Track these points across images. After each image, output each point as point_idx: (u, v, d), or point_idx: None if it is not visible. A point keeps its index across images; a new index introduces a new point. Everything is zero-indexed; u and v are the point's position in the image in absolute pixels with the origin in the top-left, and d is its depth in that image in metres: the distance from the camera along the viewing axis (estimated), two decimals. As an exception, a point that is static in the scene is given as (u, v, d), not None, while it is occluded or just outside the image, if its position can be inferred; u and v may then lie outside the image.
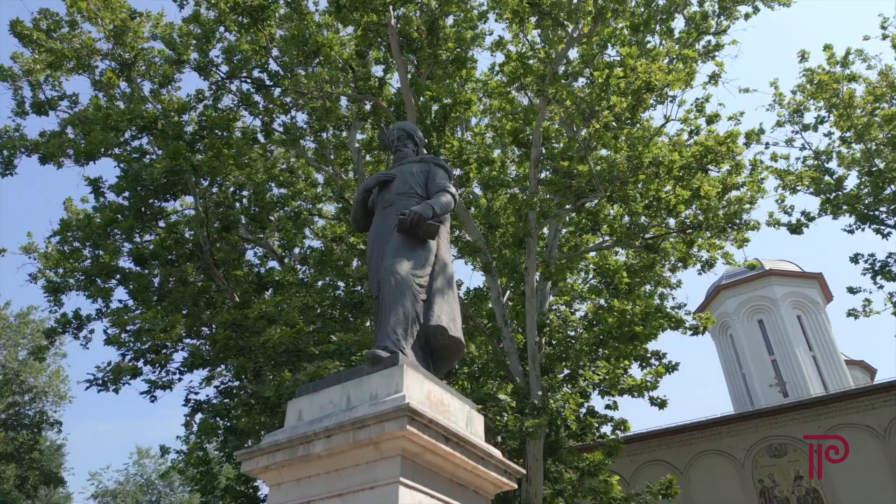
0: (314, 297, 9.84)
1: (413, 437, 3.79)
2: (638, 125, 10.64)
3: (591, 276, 16.34)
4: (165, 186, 10.25)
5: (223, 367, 9.52)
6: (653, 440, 20.39)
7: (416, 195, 5.73)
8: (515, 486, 4.64)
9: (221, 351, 8.86)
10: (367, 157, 14.53)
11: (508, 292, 13.93)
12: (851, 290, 14.72)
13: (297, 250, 15.05)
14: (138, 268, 12.45)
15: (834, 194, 13.95)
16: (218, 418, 9.37)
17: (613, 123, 10.41)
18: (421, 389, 4.32)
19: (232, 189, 12.50)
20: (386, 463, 3.83)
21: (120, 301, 13.34)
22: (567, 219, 13.87)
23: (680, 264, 15.11)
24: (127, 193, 10.49)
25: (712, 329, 31.68)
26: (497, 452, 4.52)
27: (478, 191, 15.13)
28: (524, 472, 4.65)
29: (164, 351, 9.14)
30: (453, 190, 5.79)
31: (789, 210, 15.72)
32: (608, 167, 10.52)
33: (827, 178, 15.26)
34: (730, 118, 12.03)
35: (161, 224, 12.22)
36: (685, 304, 15.72)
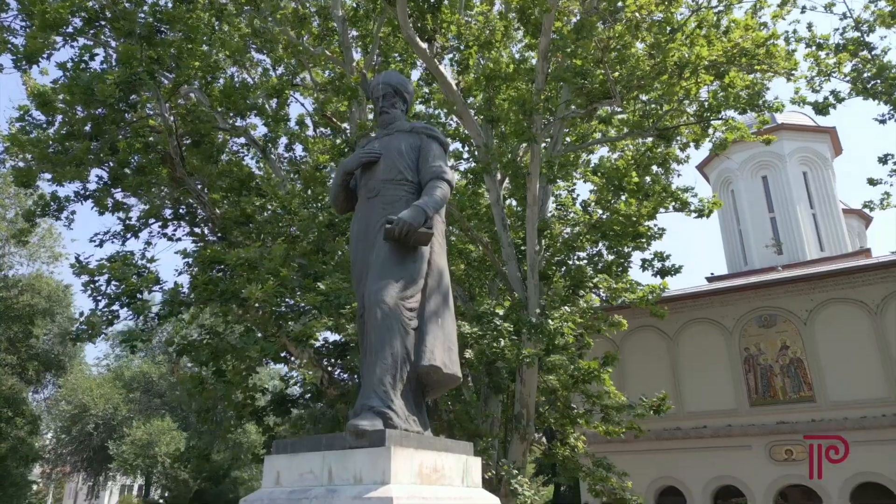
0: (300, 225, 9.05)
1: (402, 547, 3.43)
2: (663, 25, 9.13)
3: (594, 156, 15.37)
4: (122, 97, 9.02)
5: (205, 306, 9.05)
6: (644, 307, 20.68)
7: (405, 181, 4.93)
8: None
9: (202, 294, 8.34)
10: (354, 34, 12.85)
11: (506, 183, 13.09)
12: (872, 182, 13.91)
13: (283, 140, 13.89)
14: (111, 162, 11.52)
15: (872, 83, 12.59)
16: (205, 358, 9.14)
17: (637, 15, 8.94)
18: (411, 467, 3.90)
19: (201, 77, 11.03)
20: (373, 571, 3.50)
21: (98, 179, 12.60)
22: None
23: (692, 144, 14.17)
24: (80, 107, 9.27)
25: (714, 185, 30.93)
26: (494, 510, 4.21)
27: (481, 61, 13.68)
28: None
29: (140, 296, 8.57)
30: (450, 175, 4.96)
31: (818, 87, 14.37)
32: (627, 72, 9.23)
33: (864, 52, 13.71)
34: (774, 16, 10.40)
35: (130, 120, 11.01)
36: (693, 188, 15.00)
